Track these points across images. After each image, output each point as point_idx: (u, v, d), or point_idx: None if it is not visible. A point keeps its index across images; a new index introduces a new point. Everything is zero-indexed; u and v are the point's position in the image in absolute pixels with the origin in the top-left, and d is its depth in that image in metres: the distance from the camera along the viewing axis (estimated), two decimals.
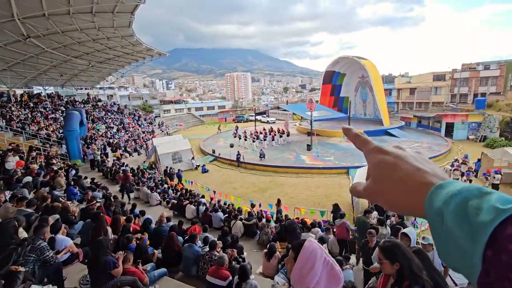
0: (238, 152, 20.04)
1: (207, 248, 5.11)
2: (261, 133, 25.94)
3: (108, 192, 10.64)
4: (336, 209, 9.76)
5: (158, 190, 12.44)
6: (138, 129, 30.02)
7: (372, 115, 33.83)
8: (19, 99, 22.44)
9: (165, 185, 14.12)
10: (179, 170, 17.56)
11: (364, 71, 29.99)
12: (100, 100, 34.21)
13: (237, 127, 31.80)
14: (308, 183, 15.65)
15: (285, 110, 42.56)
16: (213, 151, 23.06)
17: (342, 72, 33.97)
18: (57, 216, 5.32)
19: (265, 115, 49.94)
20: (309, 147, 21.45)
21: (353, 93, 35.21)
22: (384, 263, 1.71)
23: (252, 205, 10.24)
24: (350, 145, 21.47)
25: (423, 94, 38.22)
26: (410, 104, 39.83)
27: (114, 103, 36.25)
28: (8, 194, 6.35)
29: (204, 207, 9.82)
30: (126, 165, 16.38)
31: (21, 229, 4.19)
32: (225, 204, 11.54)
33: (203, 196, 12.52)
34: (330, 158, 19.15)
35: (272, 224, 8.44)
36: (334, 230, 7.19)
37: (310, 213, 10.61)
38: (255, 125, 31.48)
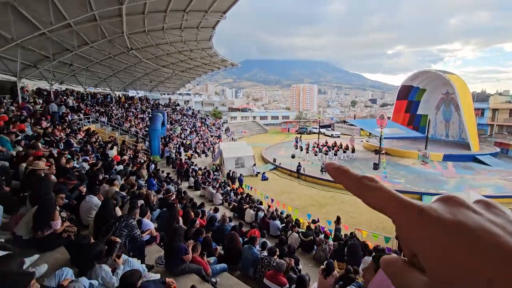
0: (299, 163, 19.92)
1: (265, 253, 5.26)
2: (323, 146, 25.28)
3: (179, 186, 11.83)
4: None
5: (221, 191, 13.25)
6: (207, 132, 32.57)
7: (457, 137, 29.56)
8: (118, 100, 26.86)
9: (228, 188, 14.92)
10: (241, 174, 18.36)
11: (450, 87, 26.56)
12: (178, 105, 38.45)
13: (297, 138, 31.63)
14: None
15: (351, 125, 40.56)
16: (274, 160, 23.40)
17: (422, 88, 30.74)
18: (142, 201, 6.21)
19: (329, 129, 48.44)
20: (376, 166, 19.94)
21: (433, 111, 31.47)
22: None
23: (314, 221, 10.02)
24: (426, 169, 19.24)
25: None
26: (509, 127, 33.42)
27: (190, 108, 40.21)
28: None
29: (263, 213, 10.05)
30: (195, 165, 17.93)
31: (117, 208, 5.06)
32: (281, 213, 11.60)
33: (261, 203, 12.81)
34: (400, 181, 17.42)
35: (331, 241, 8.12)
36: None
37: (373, 237, 9.83)
38: (318, 138, 30.84)
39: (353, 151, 24.40)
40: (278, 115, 60.43)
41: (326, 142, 26.51)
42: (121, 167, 10.33)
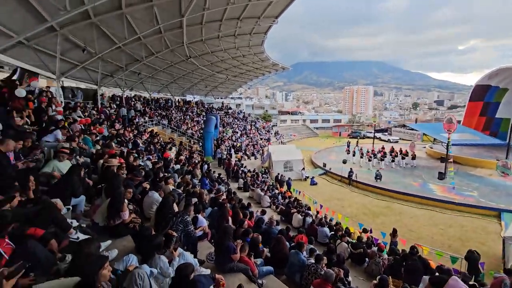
0: (350, 169, 18.97)
1: (312, 260, 5.14)
2: (379, 152, 23.59)
3: (229, 187, 12.30)
4: (471, 256, 7.68)
5: (269, 194, 13.35)
6: (257, 135, 33.20)
7: None
8: (177, 104, 29.20)
9: (276, 191, 14.98)
10: (289, 178, 18.24)
11: None
12: (230, 108, 40.10)
13: (349, 143, 30.04)
14: (436, 219, 13.02)
15: (412, 129, 37.04)
16: (324, 165, 22.71)
17: (503, 87, 26.53)
18: (196, 199, 6.64)
19: (386, 133, 45.00)
20: (441, 176, 17.85)
21: None
22: None
23: (365, 231, 9.46)
24: (506, 182, 16.59)
25: None
26: None
27: (241, 111, 41.56)
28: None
29: (311, 219, 9.84)
30: (245, 166, 18.43)
31: (174, 204, 5.51)
32: (330, 220, 11.18)
33: (309, 208, 12.53)
34: (472, 194, 15.29)
35: (385, 255, 7.53)
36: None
37: (437, 256, 8.82)
38: (373, 143, 28.93)
39: (413, 158, 22.28)
40: (329, 119, 58.56)
41: (383, 148, 24.67)
42: (178, 166, 11.21)
